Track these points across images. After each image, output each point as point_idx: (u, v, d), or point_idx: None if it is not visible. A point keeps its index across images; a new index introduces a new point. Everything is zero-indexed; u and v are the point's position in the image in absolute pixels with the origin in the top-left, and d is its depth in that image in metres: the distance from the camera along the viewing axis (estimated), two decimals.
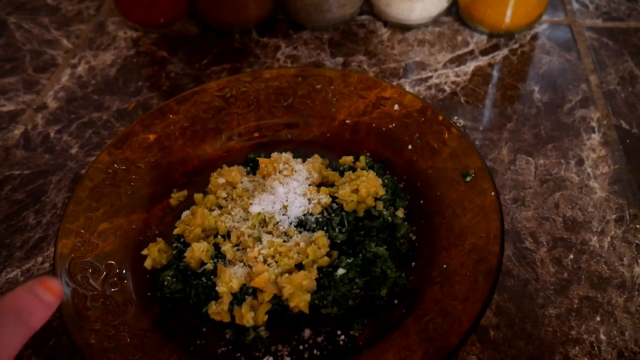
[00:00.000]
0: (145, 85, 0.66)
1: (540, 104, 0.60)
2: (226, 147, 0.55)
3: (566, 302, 0.45)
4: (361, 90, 0.56)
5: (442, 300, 0.41)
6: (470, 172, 0.47)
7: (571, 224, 0.50)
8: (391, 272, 0.42)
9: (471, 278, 0.41)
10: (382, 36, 0.70)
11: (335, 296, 0.42)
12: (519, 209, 0.51)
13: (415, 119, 0.53)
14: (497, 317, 0.44)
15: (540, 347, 0.43)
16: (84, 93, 0.65)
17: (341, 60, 0.67)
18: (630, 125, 0.58)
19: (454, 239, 0.45)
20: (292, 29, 0.72)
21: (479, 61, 0.66)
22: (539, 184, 0.53)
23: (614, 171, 0.54)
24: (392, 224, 0.46)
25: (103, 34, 0.73)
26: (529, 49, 0.67)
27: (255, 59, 0.68)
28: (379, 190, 0.46)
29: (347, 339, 0.42)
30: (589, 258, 0.48)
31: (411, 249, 0.47)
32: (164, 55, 0.70)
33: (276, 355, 0.41)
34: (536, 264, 0.47)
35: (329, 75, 0.57)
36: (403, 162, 0.52)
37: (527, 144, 0.57)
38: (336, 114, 0.56)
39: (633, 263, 0.47)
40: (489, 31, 0.68)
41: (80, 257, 0.45)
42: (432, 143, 0.51)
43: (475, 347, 0.43)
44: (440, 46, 0.68)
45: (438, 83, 0.64)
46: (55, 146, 0.60)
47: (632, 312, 0.44)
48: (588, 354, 0.42)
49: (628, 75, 0.63)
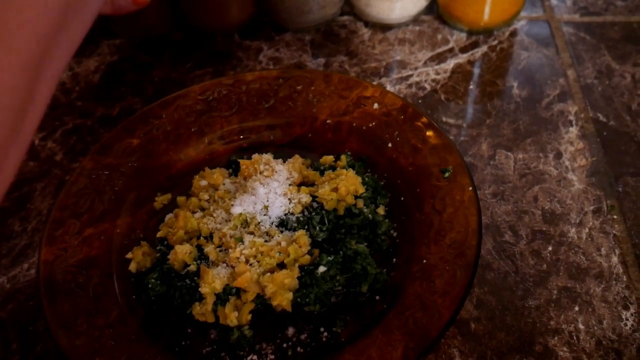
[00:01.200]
0: (129, 91, 0.66)
1: (519, 99, 0.61)
2: (209, 150, 0.56)
3: (545, 293, 0.46)
4: (342, 90, 0.57)
5: (422, 295, 0.42)
6: (448, 168, 0.48)
7: (550, 217, 0.51)
8: (372, 269, 0.43)
9: (450, 272, 0.42)
10: (363, 36, 0.71)
11: (318, 294, 0.43)
12: (499, 203, 0.52)
13: (395, 117, 0.54)
14: (477, 310, 0.45)
15: (520, 338, 0.43)
16: (68, 100, 0.66)
17: (323, 61, 0.68)
18: (608, 117, 0.59)
19: (434, 234, 0.46)
20: (274, 31, 0.72)
21: (459, 59, 0.66)
22: (518, 178, 0.54)
23: (591, 163, 0.55)
24: (373, 221, 0.47)
25: (86, 40, 0.73)
26: (508, 45, 0.68)
27: (238, 62, 0.69)
28: (358, 188, 0.47)
29: (330, 335, 0.43)
30: (567, 249, 0.48)
31: (392, 246, 0.47)
32: (148, 60, 0.70)
33: (260, 353, 0.42)
34: (516, 256, 0.48)
35: (309, 76, 0.58)
36: (384, 160, 0.53)
37: (506, 139, 0.57)
38: (317, 114, 0.57)
39: (610, 253, 0.48)
40: (468, 29, 0.69)
41: (64, 262, 0.45)
42: (412, 141, 0.52)
43: (456, 339, 0.44)
44: (420, 45, 0.69)
45: (418, 81, 0.64)
46: (40, 153, 0.60)
47: (610, 301, 0.45)
48: (567, 344, 0.43)
49: (605, 68, 0.64)
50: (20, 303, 0.48)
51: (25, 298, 0.48)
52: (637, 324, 0.44)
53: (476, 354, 0.43)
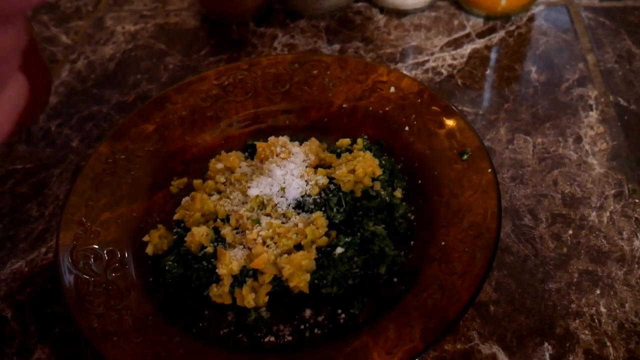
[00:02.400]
0: (144, 78, 0.66)
1: (538, 83, 0.60)
2: (225, 134, 0.56)
3: (566, 277, 0.45)
4: (358, 75, 0.56)
5: (441, 277, 0.41)
6: (467, 150, 0.47)
7: (570, 200, 0.50)
8: (389, 250, 0.43)
9: (469, 254, 0.41)
10: (378, 22, 0.70)
11: (335, 275, 0.42)
12: (518, 187, 0.51)
13: (412, 101, 0.53)
14: (497, 293, 0.45)
15: (540, 321, 0.43)
16: (84, 87, 0.66)
17: (338, 47, 0.67)
18: (628, 102, 0.58)
19: (452, 216, 0.45)
20: (289, 18, 0.72)
21: (476, 44, 0.66)
22: (537, 162, 0.53)
23: (612, 147, 0.54)
24: (390, 204, 0.47)
25: (101, 29, 0.74)
26: (526, 30, 0.67)
27: (253, 49, 0.69)
28: (375, 170, 0.46)
29: (347, 317, 0.42)
30: (588, 233, 0.48)
31: (410, 228, 0.47)
32: (162, 47, 0.70)
33: (278, 335, 0.42)
34: (535, 240, 0.48)
35: (325, 60, 0.58)
36: (401, 143, 0.52)
37: (525, 123, 0.57)
38: (333, 98, 0.56)
39: (632, 237, 0.47)
40: (485, 14, 0.68)
41: (82, 245, 0.45)
42: (428, 124, 0.51)
43: (475, 322, 0.43)
44: (436, 30, 0.68)
45: (435, 66, 0.64)
46: (57, 140, 0.60)
47: (632, 285, 0.44)
48: (589, 327, 0.42)
49: (625, 53, 0.63)
50: (39, 286, 0.48)
51: (44, 281, 0.48)
52: None
53: (495, 337, 0.42)
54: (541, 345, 0.42)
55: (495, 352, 0.41)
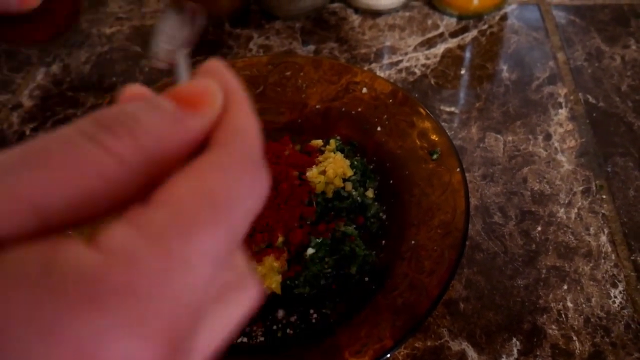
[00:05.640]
0: (120, 81, 0.66)
1: (509, 82, 0.61)
2: None
3: (534, 273, 0.46)
4: (331, 76, 0.57)
5: (410, 275, 0.42)
6: (437, 150, 0.48)
7: (539, 197, 0.51)
8: (360, 250, 0.43)
9: (438, 252, 0.42)
10: (353, 23, 0.71)
11: (307, 276, 0.43)
12: (488, 185, 0.52)
13: (384, 101, 0.54)
14: (466, 290, 0.45)
15: (509, 317, 0.44)
16: (59, 91, 0.66)
17: (313, 48, 0.68)
18: (597, 99, 0.59)
19: (422, 215, 0.46)
20: (264, 19, 0.72)
21: (449, 43, 0.67)
22: (508, 160, 0.54)
23: (580, 144, 0.55)
24: (362, 204, 0.47)
25: (77, 32, 0.74)
26: (498, 29, 0.68)
27: (229, 50, 0.69)
28: (346, 171, 0.47)
29: (319, 317, 0.43)
30: (556, 229, 0.49)
31: (381, 228, 0.47)
32: (138, 50, 0.70)
33: (250, 336, 0.42)
34: (505, 237, 0.48)
35: (299, 62, 0.58)
36: (373, 144, 0.53)
37: (496, 121, 0.57)
38: (307, 99, 0.57)
39: (599, 232, 0.48)
40: (458, 13, 0.69)
41: None
42: (401, 124, 0.52)
43: (445, 319, 0.44)
44: (410, 30, 0.69)
45: (408, 66, 0.64)
46: None
47: (599, 280, 0.45)
48: (556, 322, 0.43)
49: (595, 51, 0.64)
50: None
51: None
52: (625, 302, 0.44)
53: (465, 333, 0.43)
54: (509, 340, 0.42)
55: (464, 349, 0.42)
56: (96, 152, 0.16)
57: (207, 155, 0.17)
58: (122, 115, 0.17)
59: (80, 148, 0.16)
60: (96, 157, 0.16)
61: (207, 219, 0.16)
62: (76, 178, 0.16)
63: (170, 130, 0.17)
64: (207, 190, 0.17)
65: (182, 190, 0.16)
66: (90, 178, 0.16)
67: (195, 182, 0.17)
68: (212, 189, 0.17)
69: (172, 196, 0.16)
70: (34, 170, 0.15)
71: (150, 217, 0.16)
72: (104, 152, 0.16)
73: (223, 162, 0.17)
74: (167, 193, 0.16)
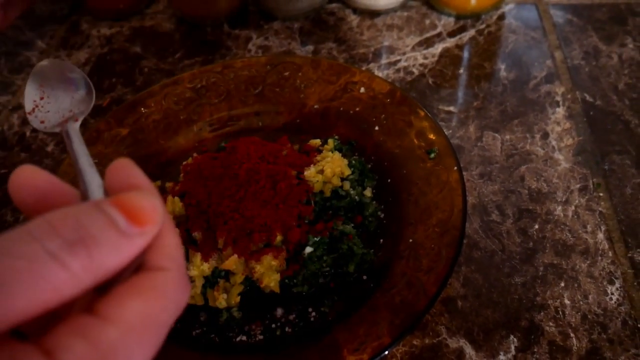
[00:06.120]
0: (119, 82, 0.67)
1: (507, 81, 0.62)
2: (199, 137, 0.56)
3: (531, 270, 0.46)
4: (330, 76, 0.57)
5: (408, 273, 0.42)
6: (434, 149, 0.48)
7: (536, 195, 0.51)
8: (358, 249, 0.44)
9: (435, 250, 0.42)
10: (351, 23, 0.71)
11: (305, 275, 0.43)
12: (486, 184, 0.52)
13: (382, 101, 0.54)
14: (464, 287, 0.46)
15: (506, 314, 0.44)
16: None
17: (311, 48, 0.68)
18: (594, 97, 0.59)
19: (420, 214, 0.46)
20: (263, 19, 0.73)
21: (447, 43, 0.67)
22: (505, 158, 0.54)
23: (578, 143, 0.55)
24: (360, 203, 0.47)
25: (77, 33, 0.74)
26: (496, 29, 0.68)
27: (227, 51, 0.69)
28: (344, 170, 0.47)
29: (318, 315, 0.43)
30: (553, 227, 0.49)
31: (380, 227, 0.48)
32: (137, 51, 0.70)
33: (249, 334, 0.43)
34: (502, 235, 0.49)
35: (297, 62, 0.58)
36: (371, 143, 0.53)
37: (494, 120, 0.58)
38: (305, 100, 0.57)
39: (596, 230, 0.48)
40: (456, 13, 0.69)
41: None
42: (398, 124, 0.52)
43: (443, 317, 0.44)
44: (408, 30, 0.69)
45: (406, 66, 0.65)
46: (31, 145, 0.60)
47: (595, 277, 0.46)
48: (553, 319, 0.43)
49: (592, 49, 0.64)
50: None
51: None
52: (622, 298, 0.44)
53: (463, 331, 0.43)
54: (507, 338, 0.43)
55: (462, 346, 0.42)
56: (56, 271, 0.18)
57: (150, 279, 0.21)
58: (82, 229, 0.19)
59: (43, 267, 0.18)
60: (55, 275, 0.18)
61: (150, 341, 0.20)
62: (35, 296, 0.18)
63: (120, 248, 0.20)
64: (151, 313, 0.20)
65: (130, 310, 0.19)
66: (47, 293, 0.18)
67: (141, 305, 0.20)
68: (156, 313, 0.20)
69: (121, 316, 0.19)
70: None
71: (102, 334, 0.19)
72: (62, 270, 0.18)
73: (166, 287, 0.21)
74: (115, 310, 0.19)
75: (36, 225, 0.19)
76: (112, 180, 0.23)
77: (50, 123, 0.31)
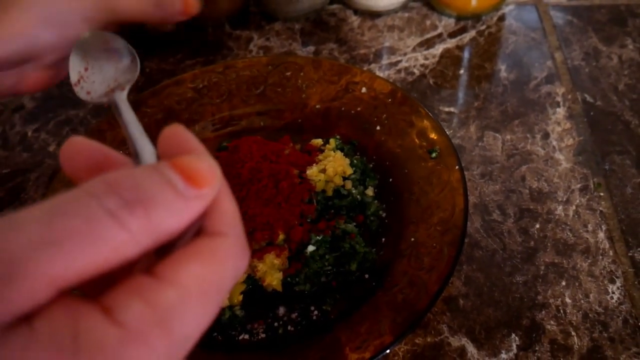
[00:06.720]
0: None
1: (507, 82, 0.62)
2: (200, 137, 0.55)
3: (532, 270, 0.46)
4: (331, 76, 0.57)
5: (410, 272, 0.42)
6: (435, 149, 0.49)
7: (537, 195, 0.51)
8: (360, 247, 0.44)
9: (437, 249, 0.43)
10: (352, 24, 0.71)
11: (307, 273, 0.43)
12: (487, 183, 0.53)
13: (383, 101, 0.54)
14: (466, 286, 0.46)
15: (508, 313, 0.44)
16: (61, 92, 0.66)
17: (312, 49, 0.68)
18: (594, 98, 0.59)
19: (421, 213, 0.46)
20: (264, 20, 0.73)
21: (447, 44, 0.67)
22: (506, 158, 0.54)
23: (578, 143, 0.55)
24: (362, 202, 0.48)
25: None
26: (496, 29, 0.68)
27: (229, 52, 0.69)
28: (346, 170, 0.47)
29: (320, 314, 0.43)
30: (554, 227, 0.49)
31: (381, 226, 0.48)
32: (139, 52, 0.70)
33: (252, 333, 0.43)
34: (503, 234, 0.49)
35: (299, 62, 0.58)
36: (373, 143, 0.53)
37: (494, 120, 0.58)
38: (307, 100, 0.57)
39: (597, 229, 0.49)
40: (457, 14, 0.70)
41: None
42: (400, 123, 0.53)
43: (445, 315, 0.44)
44: (409, 31, 0.69)
45: (407, 67, 0.65)
46: (33, 144, 0.61)
47: (596, 276, 0.46)
48: (554, 317, 0.44)
49: (592, 50, 0.65)
50: None
51: None
52: (623, 297, 0.44)
53: (465, 329, 0.43)
54: (509, 336, 0.43)
55: (464, 344, 0.43)
56: (115, 230, 0.18)
57: (209, 244, 0.20)
58: (140, 189, 0.19)
59: (102, 225, 0.18)
60: (114, 234, 0.18)
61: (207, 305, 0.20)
62: (94, 255, 0.18)
63: (178, 210, 0.20)
64: (210, 278, 0.20)
65: (189, 274, 0.19)
66: (105, 253, 0.18)
67: (200, 270, 0.19)
68: (214, 279, 0.20)
69: (180, 278, 0.19)
70: (57, 253, 0.17)
71: (161, 296, 0.18)
72: (121, 230, 0.18)
73: (225, 253, 0.20)
74: (175, 273, 0.19)
75: (93, 185, 0.18)
76: (165, 146, 0.22)
77: (96, 93, 0.30)
